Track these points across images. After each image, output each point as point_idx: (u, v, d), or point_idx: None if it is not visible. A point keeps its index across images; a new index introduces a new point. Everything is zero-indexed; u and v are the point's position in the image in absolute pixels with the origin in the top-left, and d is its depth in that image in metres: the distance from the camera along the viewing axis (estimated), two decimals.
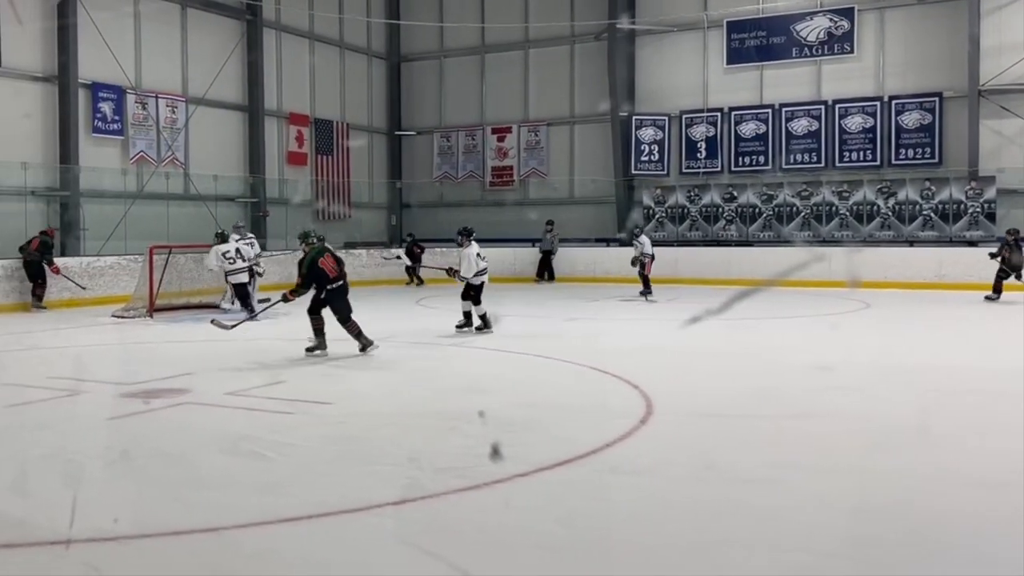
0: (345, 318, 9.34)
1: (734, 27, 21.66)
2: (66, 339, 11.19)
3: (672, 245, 21.53)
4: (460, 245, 11.52)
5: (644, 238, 16.34)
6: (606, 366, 8.43)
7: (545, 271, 21.73)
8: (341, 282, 9.35)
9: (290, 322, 12.26)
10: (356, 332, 9.36)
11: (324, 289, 9.23)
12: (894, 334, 11.95)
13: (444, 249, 22.51)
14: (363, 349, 9.30)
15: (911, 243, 19.42)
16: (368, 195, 25.32)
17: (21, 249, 14.54)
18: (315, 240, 9.58)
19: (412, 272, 20.73)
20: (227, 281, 13.67)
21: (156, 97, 19.02)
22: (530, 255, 22.11)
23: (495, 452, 5.36)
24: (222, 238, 13.88)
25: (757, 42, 21.45)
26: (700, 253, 20.63)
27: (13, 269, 14.52)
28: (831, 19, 20.74)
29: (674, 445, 5.72)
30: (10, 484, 4.95)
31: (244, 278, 13.37)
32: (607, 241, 22.47)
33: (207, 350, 10.43)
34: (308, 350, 9.31)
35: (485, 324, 11.08)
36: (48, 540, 4.01)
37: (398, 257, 21.04)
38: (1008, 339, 11.26)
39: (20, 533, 4.09)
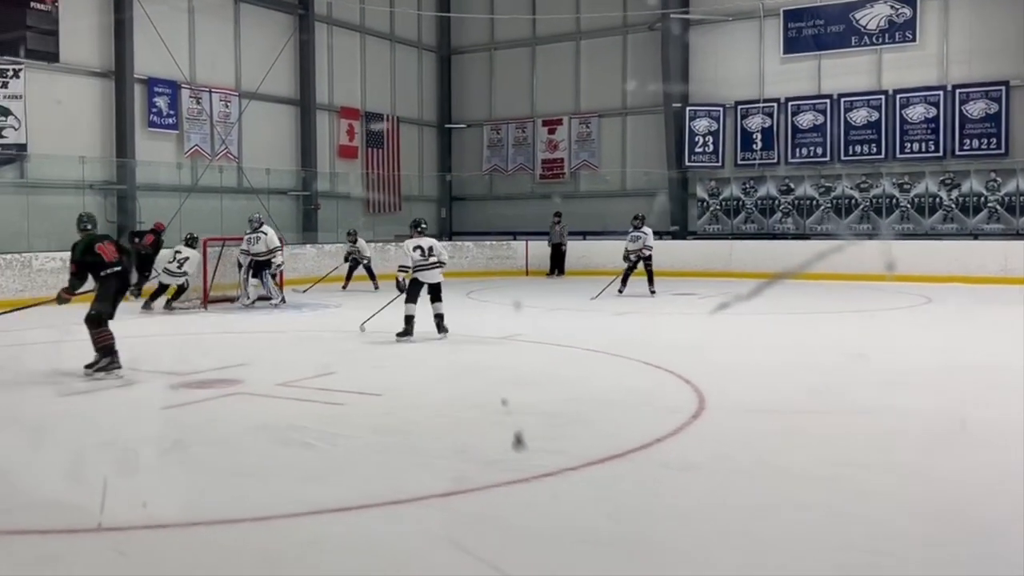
0: (98, 316, 7.76)
1: (791, 15, 21.23)
2: (122, 330, 11.35)
3: (727, 238, 21.25)
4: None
5: (647, 229, 15.28)
6: (658, 360, 8.31)
7: (556, 266, 21.32)
8: (119, 268, 7.92)
9: (343, 314, 12.35)
10: (100, 342, 7.73)
11: (99, 275, 7.88)
12: (956, 330, 11.61)
13: (492, 242, 22.51)
14: (90, 366, 7.74)
15: (975, 236, 18.84)
16: (418, 188, 25.43)
17: (132, 238, 14.85)
18: (89, 227, 8.23)
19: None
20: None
21: (210, 91, 19.30)
22: (579, 249, 21.95)
23: (518, 441, 5.31)
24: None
25: (815, 31, 20.98)
26: (755, 246, 20.28)
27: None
28: (892, 6, 20.18)
29: (727, 441, 5.60)
30: (67, 471, 5.03)
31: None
32: (659, 234, 22.20)
33: (260, 341, 10.56)
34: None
35: (406, 332, 9.89)
36: (102, 527, 4.06)
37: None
38: None
39: (76, 520, 4.15)
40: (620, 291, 15.29)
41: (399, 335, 9.78)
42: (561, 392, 7.16)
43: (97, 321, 7.77)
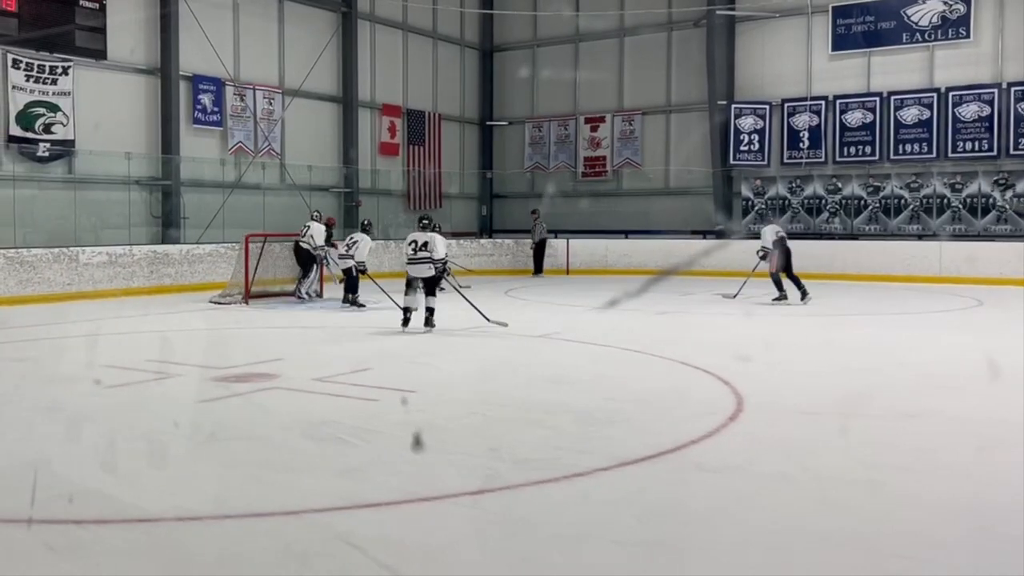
0: None
1: (840, 12, 20.82)
2: (164, 323, 11.56)
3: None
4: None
5: (766, 228, 14.21)
6: (696, 361, 8.20)
7: (539, 265, 20.90)
8: None
9: (380, 312, 12.37)
10: None
11: None
12: (1006, 333, 11.25)
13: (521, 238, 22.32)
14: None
15: None
16: (459, 185, 25.45)
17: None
18: None
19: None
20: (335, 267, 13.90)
21: (254, 89, 19.51)
22: (623, 246, 21.78)
23: (417, 442, 5.29)
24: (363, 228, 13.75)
25: (864, 27, 20.55)
26: (802, 246, 19.87)
27: (116, 256, 15.12)
28: (945, 2, 19.68)
29: (764, 443, 5.51)
30: (102, 462, 5.10)
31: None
32: (703, 234, 21.97)
33: (298, 336, 10.63)
34: None
35: (404, 321, 10.37)
36: (136, 518, 4.10)
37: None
38: None
39: (109, 510, 4.19)
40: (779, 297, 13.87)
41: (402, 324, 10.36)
42: (597, 391, 7.11)
43: None
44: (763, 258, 14.00)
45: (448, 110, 24.92)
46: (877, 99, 20.43)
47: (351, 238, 13.34)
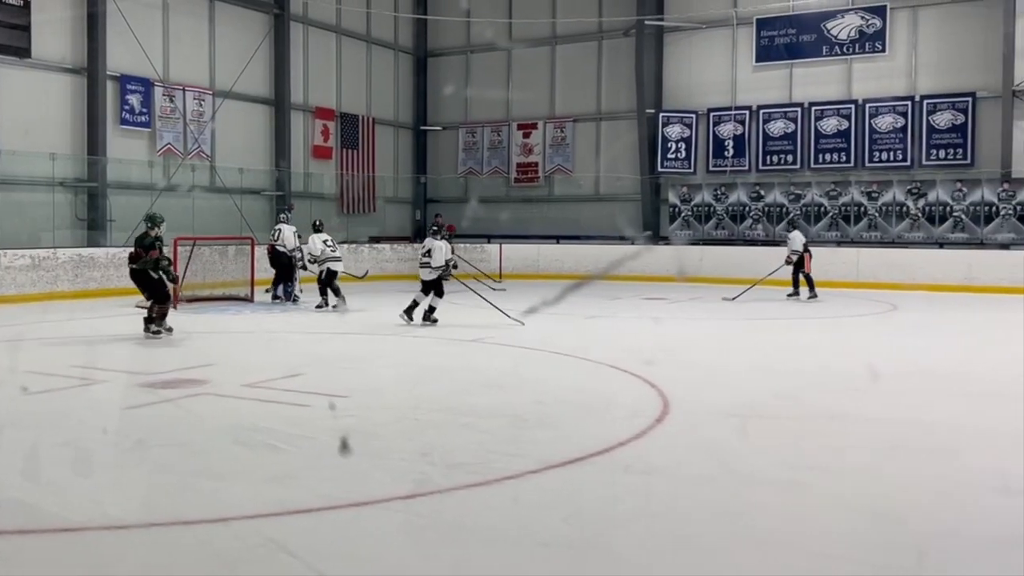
0: None
1: (764, 24, 21.46)
2: (90, 328, 11.31)
3: (698, 244, 21.44)
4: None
5: (794, 233, 15.65)
6: (624, 364, 8.37)
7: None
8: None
9: (311, 316, 12.32)
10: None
11: None
12: (919, 337, 11.78)
13: (466, 245, 22.51)
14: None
15: (941, 245, 19.13)
16: (393, 190, 25.39)
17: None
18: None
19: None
20: (315, 268, 13.84)
21: (183, 90, 19.19)
22: (555, 251, 22.03)
23: (344, 447, 5.34)
24: (317, 228, 13.97)
25: (787, 40, 21.23)
26: (726, 252, 20.47)
27: (40, 259, 14.71)
28: (863, 17, 20.47)
29: (689, 445, 5.66)
30: (23, 470, 4.99)
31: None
32: (631, 239, 22.37)
33: (229, 342, 10.51)
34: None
35: (424, 316, 11.59)
36: (59, 527, 4.04)
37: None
38: None
39: (32, 520, 4.12)
40: (795, 295, 15.59)
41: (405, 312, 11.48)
42: (528, 395, 7.19)
43: None
44: (790, 262, 15.31)
45: (382, 114, 24.85)
46: (799, 109, 21.12)
47: (326, 239, 13.66)
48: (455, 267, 11.90)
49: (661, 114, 22.42)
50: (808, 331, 12.17)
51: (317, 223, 14.07)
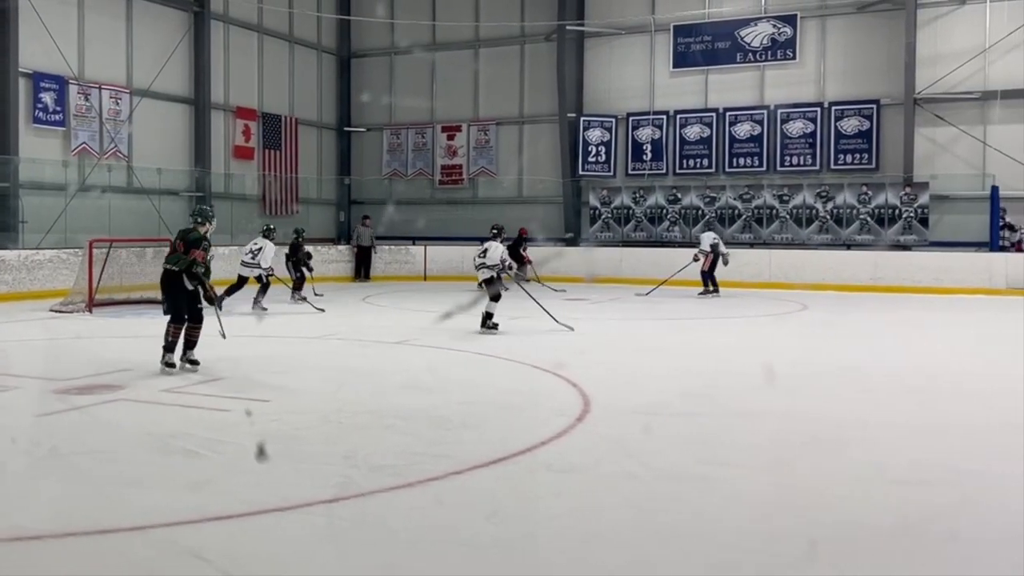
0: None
1: (680, 31, 21.96)
2: (0, 333, 10.95)
3: (617, 245, 21.82)
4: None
5: (705, 234, 16.91)
6: (546, 364, 8.52)
7: (362, 268, 21.46)
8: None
9: (234, 320, 12.14)
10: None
11: None
12: (828, 336, 12.25)
13: (391, 247, 22.50)
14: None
15: (848, 246, 19.89)
16: (316, 191, 25.14)
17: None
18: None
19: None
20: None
21: (99, 88, 18.68)
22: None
23: (260, 452, 5.34)
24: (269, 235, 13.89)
25: (703, 46, 21.77)
26: (644, 253, 20.89)
27: None
28: (774, 25, 21.15)
29: (607, 443, 5.79)
30: None
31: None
32: (554, 241, 22.64)
33: (146, 346, 10.25)
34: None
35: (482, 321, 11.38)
36: None
37: None
38: (941, 340, 11.63)
39: None
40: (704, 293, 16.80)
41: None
42: (452, 396, 7.26)
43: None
44: (696, 260, 16.60)
45: (305, 115, 24.57)
46: (714, 115, 21.69)
47: (254, 244, 13.57)
48: (511, 268, 11.72)
49: (582, 118, 22.76)
50: (722, 331, 12.53)
51: (267, 228, 14.09)
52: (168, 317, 8.11)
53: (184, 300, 8.02)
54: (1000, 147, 19.09)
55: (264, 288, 13.82)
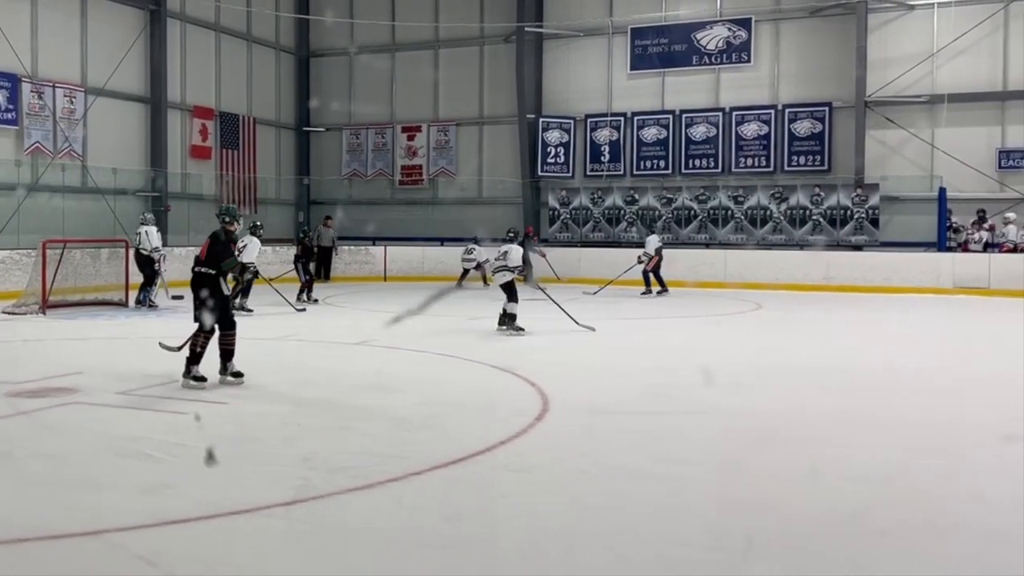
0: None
1: (637, 34, 22.17)
2: None
3: (576, 246, 21.96)
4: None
5: (650, 237, 17.41)
6: (506, 364, 8.59)
7: (322, 268, 21.10)
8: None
9: (189, 321, 12.03)
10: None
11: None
12: (782, 334, 12.48)
13: (350, 247, 22.42)
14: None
15: (801, 246, 20.23)
16: (275, 191, 24.95)
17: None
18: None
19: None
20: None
21: (53, 86, 18.36)
22: (439, 253, 22.13)
23: (210, 456, 5.31)
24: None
25: (659, 49, 22.01)
26: (602, 254, 21.05)
27: None
28: (729, 29, 21.45)
29: (565, 442, 5.87)
30: None
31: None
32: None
33: (101, 348, 10.17)
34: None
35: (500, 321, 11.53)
36: None
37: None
38: (891, 339, 11.90)
39: None
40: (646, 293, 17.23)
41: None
42: (412, 396, 7.28)
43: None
44: (641, 262, 16.99)
45: (263, 114, 24.37)
46: (670, 117, 21.94)
47: (241, 241, 13.16)
48: (520, 269, 11.76)
49: (541, 119, 22.88)
50: (678, 330, 12.70)
51: (255, 224, 14.07)
52: (197, 326, 7.47)
53: (220, 306, 7.49)
54: (947, 149, 19.57)
55: (246, 289, 13.39)
